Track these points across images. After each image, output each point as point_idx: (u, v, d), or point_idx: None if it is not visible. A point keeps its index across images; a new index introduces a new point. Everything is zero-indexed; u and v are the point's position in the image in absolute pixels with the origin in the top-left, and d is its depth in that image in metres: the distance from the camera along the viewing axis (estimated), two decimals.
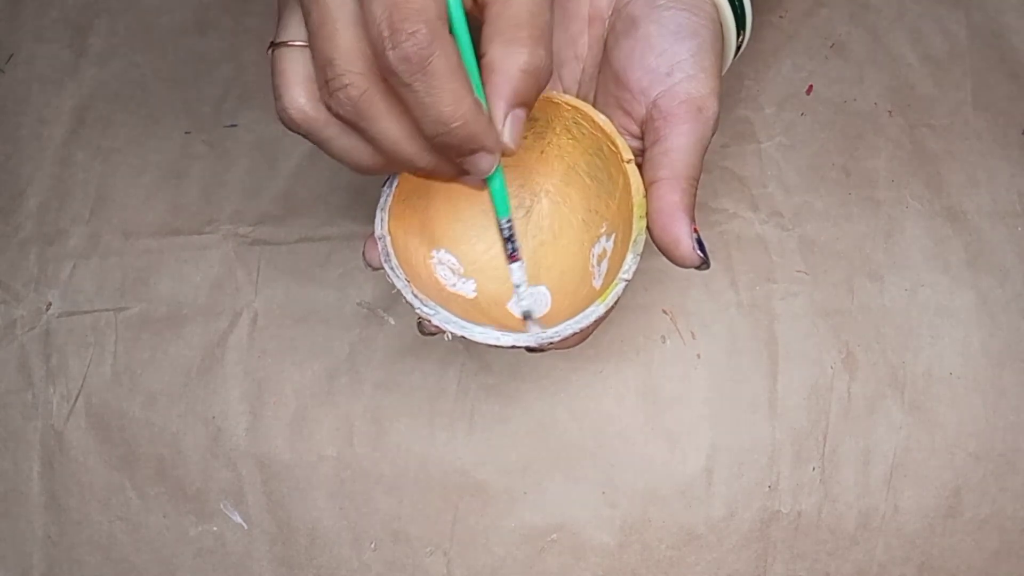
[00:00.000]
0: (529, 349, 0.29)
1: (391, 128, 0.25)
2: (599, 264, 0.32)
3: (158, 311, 0.42)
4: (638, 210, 0.29)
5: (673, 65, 0.29)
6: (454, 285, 0.33)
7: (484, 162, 0.26)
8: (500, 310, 0.32)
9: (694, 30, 0.30)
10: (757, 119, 0.43)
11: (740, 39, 0.33)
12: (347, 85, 0.24)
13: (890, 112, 0.43)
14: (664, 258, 0.30)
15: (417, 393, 0.41)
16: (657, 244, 0.29)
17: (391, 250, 0.29)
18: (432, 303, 0.28)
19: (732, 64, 0.34)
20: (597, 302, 0.28)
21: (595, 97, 0.33)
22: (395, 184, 0.30)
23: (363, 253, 0.31)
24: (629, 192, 0.30)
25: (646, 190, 0.30)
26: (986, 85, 0.43)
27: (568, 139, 0.32)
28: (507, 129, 0.26)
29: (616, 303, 0.29)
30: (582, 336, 0.31)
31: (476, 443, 0.40)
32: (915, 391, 0.40)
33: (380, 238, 0.29)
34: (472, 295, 0.33)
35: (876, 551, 0.39)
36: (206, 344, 0.41)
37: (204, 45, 0.44)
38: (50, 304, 0.42)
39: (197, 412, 0.41)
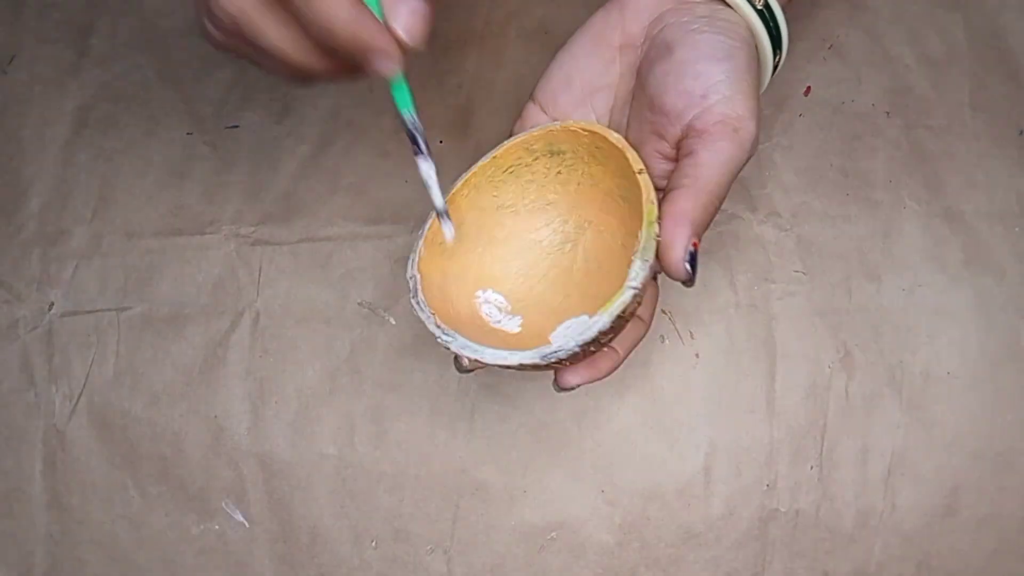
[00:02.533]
0: (536, 367, 0.29)
1: (276, 36, 0.25)
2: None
3: (160, 311, 0.42)
4: (648, 216, 0.29)
5: (709, 87, 0.29)
6: (499, 322, 0.33)
7: (383, 66, 0.26)
8: (542, 340, 0.32)
9: (729, 52, 0.30)
10: None
11: (777, 59, 0.33)
12: None
13: (888, 113, 0.43)
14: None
15: (418, 392, 0.41)
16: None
17: (419, 287, 0.31)
18: (452, 331, 0.29)
19: None
20: (601, 311, 0.28)
21: (628, 124, 0.33)
22: (426, 228, 0.32)
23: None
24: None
25: (666, 196, 0.29)
26: (984, 86, 0.43)
27: (596, 165, 0.33)
28: (401, 24, 0.26)
29: (630, 313, 0.28)
30: (612, 364, 0.31)
31: (476, 442, 0.41)
32: (913, 390, 0.40)
33: (411, 277, 0.31)
34: (516, 330, 0.33)
35: (874, 550, 0.39)
36: (208, 344, 0.42)
37: (206, 46, 0.44)
38: (52, 304, 0.42)
39: (199, 411, 0.41)
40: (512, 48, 0.45)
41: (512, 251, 0.35)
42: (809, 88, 0.43)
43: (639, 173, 0.30)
